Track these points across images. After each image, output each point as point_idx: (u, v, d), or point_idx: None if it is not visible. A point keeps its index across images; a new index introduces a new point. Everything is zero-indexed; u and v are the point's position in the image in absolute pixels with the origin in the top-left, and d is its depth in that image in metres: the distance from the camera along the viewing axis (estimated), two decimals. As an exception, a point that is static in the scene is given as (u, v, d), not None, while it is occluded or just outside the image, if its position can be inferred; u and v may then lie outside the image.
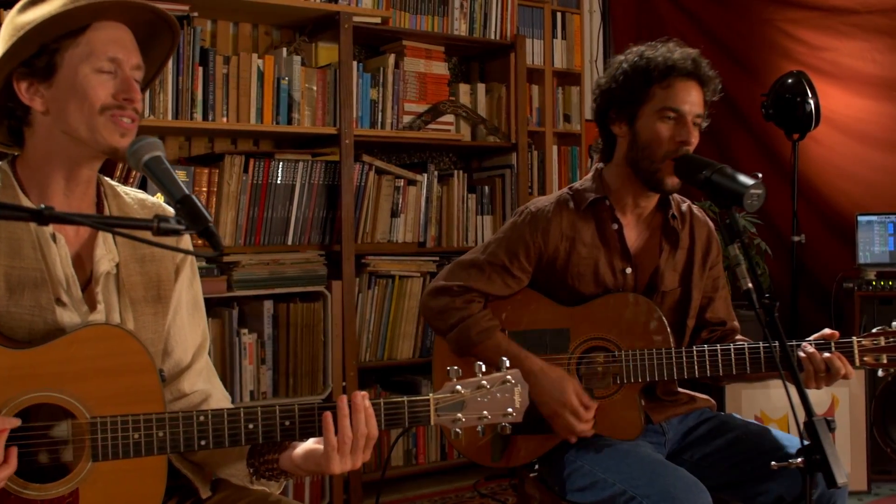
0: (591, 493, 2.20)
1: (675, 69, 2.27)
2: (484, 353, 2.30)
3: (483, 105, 4.55)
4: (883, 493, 4.02)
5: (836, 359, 2.18)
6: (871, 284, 4.31)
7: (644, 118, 2.31)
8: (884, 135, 4.74)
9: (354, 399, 1.66)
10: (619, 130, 2.37)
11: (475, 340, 2.32)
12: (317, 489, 3.88)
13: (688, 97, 2.28)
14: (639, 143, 2.32)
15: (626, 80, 2.32)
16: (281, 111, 3.88)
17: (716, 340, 2.50)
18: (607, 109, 2.39)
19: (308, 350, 3.86)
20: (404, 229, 4.20)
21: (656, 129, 2.28)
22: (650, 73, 2.28)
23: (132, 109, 1.70)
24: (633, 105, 2.32)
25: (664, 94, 2.28)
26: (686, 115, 2.28)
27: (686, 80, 2.29)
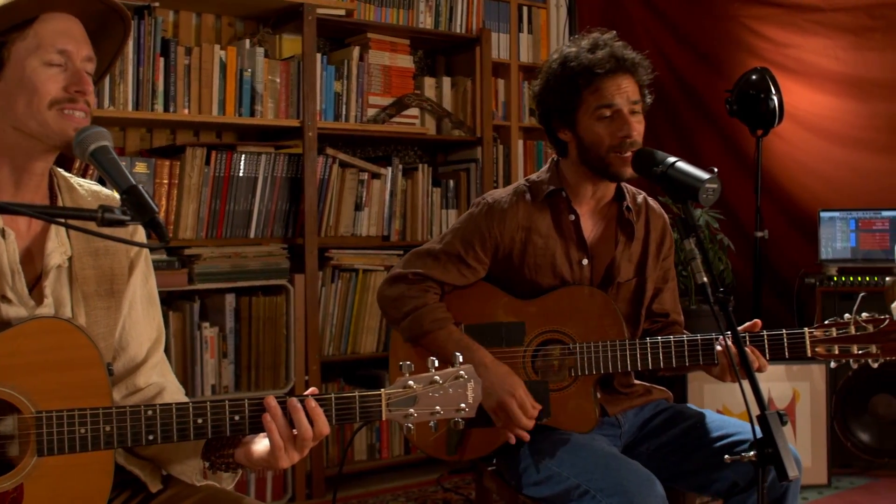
0: (546, 486, 2.20)
1: (596, 72, 2.28)
2: (435, 343, 2.31)
3: (448, 99, 4.54)
4: (843, 487, 4.05)
5: (749, 353, 2.19)
6: (832, 280, 4.34)
7: (583, 122, 2.33)
8: (846, 131, 4.76)
9: (290, 403, 1.64)
10: (565, 136, 2.40)
11: (427, 329, 2.32)
12: (279, 484, 3.86)
13: (617, 91, 2.30)
14: (584, 146, 2.34)
15: (557, 90, 2.35)
16: (244, 103, 3.85)
17: (656, 332, 2.52)
18: (549, 118, 2.42)
19: (270, 344, 3.84)
20: (368, 223, 4.19)
21: (596, 131, 2.31)
22: (576, 81, 2.30)
23: (84, 102, 1.67)
24: (570, 113, 2.34)
25: (594, 97, 2.30)
26: (621, 107, 2.29)
27: (612, 76, 2.29)
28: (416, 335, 2.35)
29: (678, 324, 2.57)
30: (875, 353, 2.24)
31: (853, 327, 2.26)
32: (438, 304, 2.37)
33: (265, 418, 1.63)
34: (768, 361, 2.25)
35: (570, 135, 2.37)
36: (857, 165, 4.73)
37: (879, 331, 2.24)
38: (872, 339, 2.25)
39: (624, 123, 2.28)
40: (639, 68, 2.35)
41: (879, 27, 4.72)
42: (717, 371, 2.28)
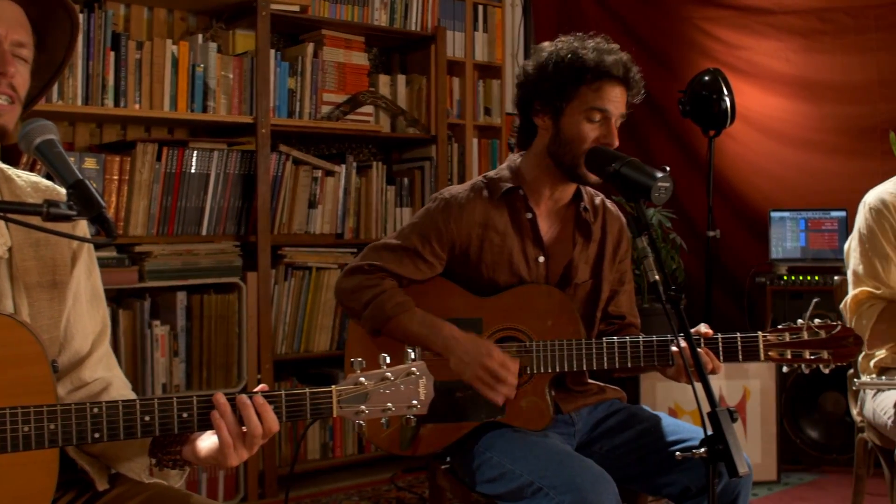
0: (499, 484, 2.19)
1: (608, 74, 2.27)
2: (399, 327, 2.29)
3: (403, 97, 4.53)
4: (792, 483, 4.11)
5: (703, 354, 2.20)
6: (782, 279, 4.40)
7: (570, 115, 2.30)
8: (796, 133, 4.83)
9: (239, 400, 1.62)
10: (541, 123, 2.37)
11: (391, 314, 2.30)
12: (231, 483, 3.82)
13: (615, 99, 2.30)
14: (562, 139, 2.32)
15: (556, 76, 2.30)
16: (196, 99, 3.81)
17: (612, 334, 2.52)
18: (532, 100, 2.37)
19: (222, 342, 3.80)
20: (322, 220, 4.16)
21: (582, 129, 2.29)
22: (582, 74, 2.27)
23: (7, 86, 1.62)
24: (560, 101, 2.31)
25: (593, 96, 2.28)
26: (612, 116, 2.30)
27: (616, 83, 2.29)
28: (380, 322, 2.32)
29: (634, 326, 2.57)
30: (827, 359, 2.26)
31: (806, 332, 2.27)
32: (398, 289, 2.35)
33: (214, 415, 1.60)
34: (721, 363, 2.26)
35: (549, 123, 2.34)
36: (806, 166, 4.80)
37: (831, 336, 2.27)
38: (824, 345, 2.26)
39: (609, 132, 2.29)
40: (637, 87, 2.35)
41: (829, 30, 4.80)
42: (671, 372, 2.29)
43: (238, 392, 1.64)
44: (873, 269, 2.75)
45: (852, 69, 4.76)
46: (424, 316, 2.31)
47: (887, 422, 2.61)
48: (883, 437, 2.73)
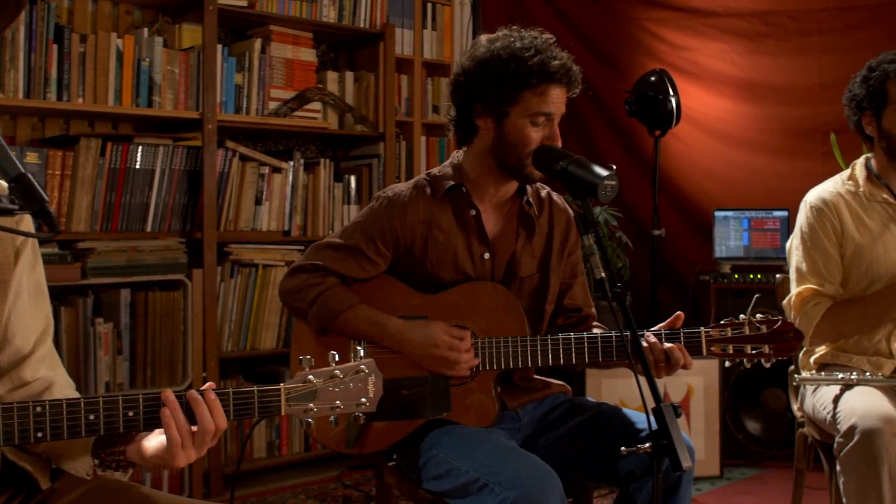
0: (446, 480, 2.20)
1: (552, 80, 2.28)
2: (347, 324, 2.29)
3: (351, 94, 4.51)
4: (734, 478, 4.17)
5: (675, 349, 2.24)
6: (725, 277, 4.46)
7: (514, 119, 2.30)
8: (740, 134, 4.91)
9: (190, 396, 1.60)
10: (483, 124, 2.37)
11: (338, 310, 2.30)
12: (175, 482, 3.78)
13: (558, 101, 2.31)
14: (506, 142, 2.32)
15: (498, 80, 2.28)
16: (141, 93, 3.76)
17: (572, 326, 2.55)
18: (472, 101, 2.36)
19: (167, 340, 3.76)
20: (269, 217, 4.13)
21: (526, 132, 2.29)
22: (526, 79, 2.26)
23: None
24: (503, 105, 2.30)
25: (538, 101, 2.28)
26: (554, 116, 2.32)
27: (558, 86, 2.30)
28: (327, 319, 2.32)
29: (592, 317, 2.60)
30: (768, 354, 2.31)
31: (747, 327, 2.32)
32: (342, 286, 2.36)
33: (163, 412, 1.58)
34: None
35: (492, 125, 2.34)
36: (750, 167, 4.87)
37: (772, 331, 2.31)
38: (765, 340, 2.31)
39: (553, 133, 2.31)
40: (575, 84, 2.36)
41: (773, 33, 4.88)
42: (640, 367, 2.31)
43: (183, 390, 1.62)
44: (816, 267, 2.80)
45: (795, 72, 4.84)
46: (370, 312, 2.32)
47: (826, 417, 2.66)
48: (822, 432, 2.78)
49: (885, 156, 2.82)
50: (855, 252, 2.79)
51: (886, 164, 2.83)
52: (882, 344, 2.81)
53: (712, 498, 3.89)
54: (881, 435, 2.39)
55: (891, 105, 2.77)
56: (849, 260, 2.81)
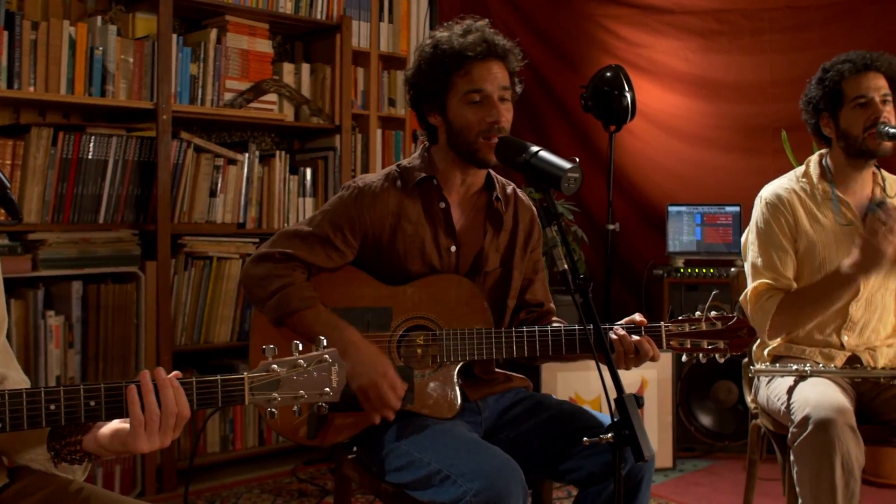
0: (407, 472, 2.20)
1: (468, 55, 2.29)
2: (303, 322, 2.27)
3: (307, 86, 4.48)
4: (687, 470, 4.22)
5: (644, 342, 2.27)
6: (678, 271, 4.51)
7: (453, 107, 2.33)
8: (693, 130, 4.96)
9: (158, 374, 1.58)
10: (435, 121, 2.41)
11: (295, 308, 2.28)
12: (128, 477, 3.73)
13: (488, 76, 2.31)
14: (454, 130, 2.35)
15: (428, 74, 2.34)
16: (94, 83, 3.70)
17: (533, 321, 2.56)
18: (420, 102, 2.41)
19: (120, 333, 3.71)
20: (223, 210, 4.09)
21: (465, 115, 2.31)
22: (446, 64, 2.30)
23: None
24: (440, 96, 2.34)
25: (464, 81, 2.31)
26: (490, 94, 2.31)
27: (483, 61, 2.31)
28: (284, 314, 2.30)
29: (552, 312, 2.62)
30: (723, 349, 2.36)
31: (704, 324, 2.36)
32: (306, 283, 2.33)
33: (131, 390, 1.56)
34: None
35: (441, 119, 2.37)
36: (703, 162, 4.94)
37: (727, 328, 2.36)
38: (721, 336, 2.36)
39: (492, 108, 2.30)
40: (510, 55, 2.37)
41: (726, 31, 4.94)
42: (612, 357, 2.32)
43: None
44: (771, 262, 2.84)
45: (747, 69, 4.91)
46: (329, 316, 2.30)
47: (780, 408, 2.70)
48: (776, 423, 2.82)
49: (844, 155, 2.87)
50: (808, 248, 2.84)
51: (845, 163, 2.88)
52: (833, 337, 2.86)
53: (665, 489, 3.93)
54: (834, 425, 2.44)
55: (847, 104, 2.81)
56: (802, 256, 2.85)
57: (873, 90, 2.78)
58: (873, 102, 2.78)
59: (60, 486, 1.70)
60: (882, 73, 2.80)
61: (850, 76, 2.80)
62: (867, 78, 2.79)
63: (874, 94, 2.78)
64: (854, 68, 2.80)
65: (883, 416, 2.75)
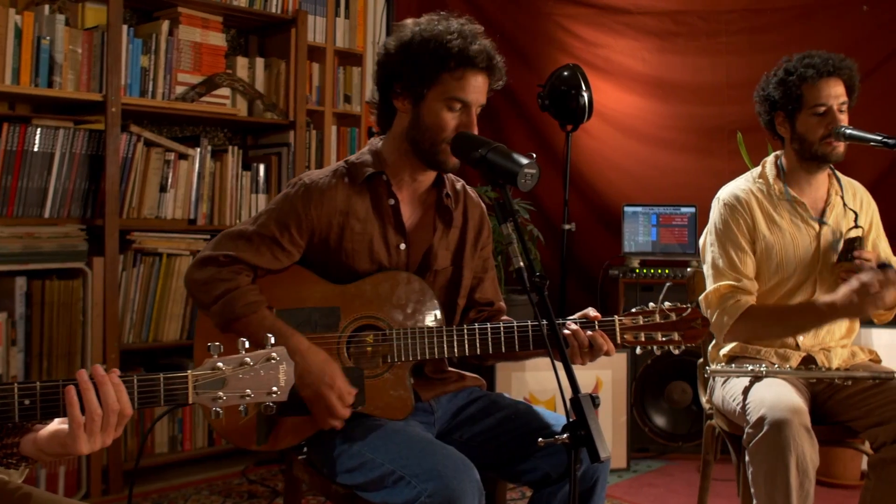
0: (359, 473, 2.14)
1: (471, 63, 2.23)
2: (248, 328, 2.20)
3: (261, 80, 4.41)
4: (641, 470, 4.21)
5: (598, 336, 2.24)
6: (634, 272, 4.50)
7: (430, 102, 2.26)
8: (650, 130, 4.96)
9: (96, 372, 1.52)
10: (401, 105, 2.32)
11: (240, 313, 2.21)
12: (72, 479, 3.64)
13: (476, 88, 2.26)
14: (421, 125, 2.27)
15: (419, 60, 2.24)
16: (41, 73, 3.60)
17: (483, 320, 2.52)
18: (392, 81, 2.31)
19: (65, 331, 3.61)
20: (174, 205, 4.00)
21: (442, 116, 2.24)
22: (445, 61, 2.22)
23: None
24: (421, 86, 2.25)
25: (455, 84, 2.23)
26: (472, 104, 2.26)
27: (476, 72, 2.25)
28: (228, 320, 2.23)
29: (502, 311, 2.58)
30: (677, 341, 2.34)
31: (658, 315, 2.33)
32: (251, 287, 2.26)
33: (69, 391, 1.49)
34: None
35: (409, 107, 2.29)
36: (659, 163, 4.94)
37: (682, 319, 2.34)
38: (675, 327, 2.34)
39: (470, 120, 2.25)
40: (497, 73, 2.31)
41: (682, 32, 4.95)
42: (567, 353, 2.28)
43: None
44: (732, 262, 2.83)
45: (703, 71, 4.93)
46: (275, 322, 2.23)
47: (736, 408, 2.69)
48: (731, 424, 2.81)
49: (796, 156, 2.87)
50: (765, 249, 2.84)
51: (797, 164, 2.88)
52: (789, 338, 2.86)
53: (619, 490, 3.92)
54: (789, 426, 2.43)
55: (806, 109, 2.81)
56: (759, 257, 2.85)
57: (833, 98, 2.78)
58: (831, 111, 2.78)
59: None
60: (842, 80, 2.80)
61: (813, 82, 2.78)
62: (828, 85, 2.78)
63: (833, 102, 2.78)
64: (817, 74, 2.78)
65: (837, 416, 2.75)
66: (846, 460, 3.96)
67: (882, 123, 4.17)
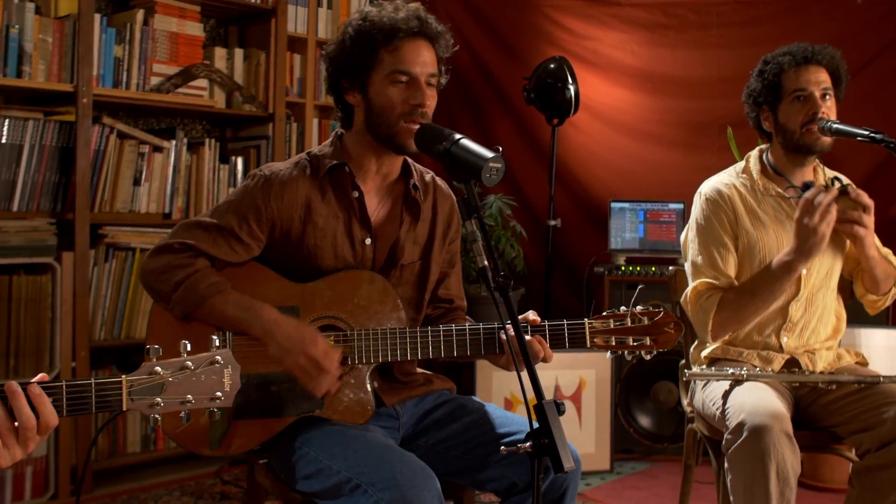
0: (317, 481, 2.06)
1: (399, 30, 2.16)
2: (213, 310, 2.12)
3: (240, 72, 4.31)
4: (625, 472, 4.13)
5: (535, 342, 2.14)
6: (619, 269, 4.41)
7: (375, 85, 2.19)
8: (638, 125, 4.87)
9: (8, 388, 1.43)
10: (353, 100, 2.25)
11: (204, 294, 2.11)
12: (39, 480, 3.55)
13: (417, 58, 2.18)
14: (373, 110, 2.20)
15: (353, 47, 2.19)
16: (9, 63, 3.51)
17: (437, 318, 2.43)
18: (339, 79, 2.25)
19: (33, 328, 3.52)
20: (148, 199, 3.91)
21: (388, 94, 2.17)
22: (375, 38, 2.16)
23: None
24: (363, 72, 2.19)
25: (392, 58, 2.17)
26: (418, 76, 2.17)
27: (413, 39, 2.18)
28: (192, 305, 2.13)
29: (461, 309, 2.48)
30: (649, 346, 2.24)
31: (630, 319, 2.25)
32: (211, 270, 2.17)
33: None
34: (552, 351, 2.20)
35: (360, 98, 2.23)
36: (647, 158, 4.84)
37: (653, 323, 2.25)
38: (647, 332, 2.25)
39: (418, 91, 2.16)
40: (441, 38, 2.24)
41: (673, 25, 4.85)
42: (503, 361, 2.20)
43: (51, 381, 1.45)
44: (712, 259, 2.74)
45: (693, 64, 4.83)
46: (241, 298, 2.14)
47: (716, 413, 2.61)
48: (711, 428, 2.73)
49: (782, 150, 2.79)
50: (748, 246, 2.75)
51: (784, 158, 2.80)
52: (772, 338, 2.77)
53: (601, 493, 3.83)
54: (769, 432, 2.34)
55: (786, 98, 2.73)
56: (742, 253, 2.76)
57: (813, 84, 2.69)
58: (812, 97, 2.69)
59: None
60: (824, 66, 2.72)
61: (790, 69, 2.71)
62: (807, 71, 2.70)
63: (814, 87, 2.69)
64: (794, 61, 2.71)
65: (821, 421, 2.66)
66: (833, 464, 3.87)
67: (878, 116, 4.09)
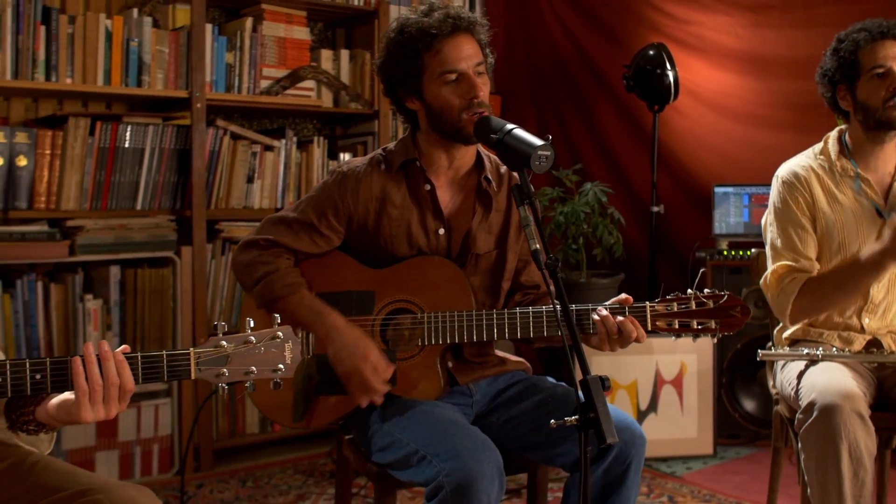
0: (389, 452, 2.21)
1: (435, 33, 2.26)
2: (286, 309, 2.29)
3: (346, 72, 4.51)
4: (728, 457, 4.12)
5: (628, 322, 2.20)
6: (722, 254, 4.40)
7: (429, 89, 2.30)
8: (743, 108, 4.81)
9: (101, 347, 1.63)
10: (413, 105, 2.38)
11: (279, 294, 2.31)
12: (166, 457, 3.84)
13: (460, 53, 2.28)
14: (434, 112, 2.32)
15: (398, 59, 2.32)
16: (130, 73, 3.80)
17: (529, 303, 2.53)
18: (395, 89, 2.39)
19: (157, 316, 3.81)
20: (261, 195, 4.15)
21: (443, 95, 2.28)
22: (415, 47, 2.28)
23: None
24: (414, 80, 2.31)
25: (437, 61, 2.27)
26: (465, 70, 2.27)
27: (451, 37, 2.27)
28: (268, 301, 2.33)
29: (549, 294, 2.58)
30: (713, 329, 2.25)
31: (693, 302, 2.27)
32: (291, 270, 2.36)
33: (75, 361, 1.61)
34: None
35: (418, 103, 2.35)
36: (752, 141, 4.78)
37: (719, 306, 2.25)
38: (711, 315, 2.25)
39: (470, 84, 2.27)
40: (476, 27, 2.33)
41: (778, 5, 4.77)
42: (595, 341, 2.27)
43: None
44: (791, 242, 2.75)
45: (800, 44, 4.73)
46: (312, 301, 2.32)
47: (791, 393, 2.62)
48: (790, 409, 2.74)
49: (862, 128, 2.76)
50: (826, 228, 2.73)
51: (863, 137, 2.77)
52: (853, 319, 2.75)
53: (700, 477, 3.85)
54: (840, 411, 2.34)
55: (864, 75, 2.71)
56: (820, 236, 2.75)
57: (891, 59, 2.67)
58: (892, 72, 2.66)
59: (19, 459, 1.77)
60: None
61: (866, 45, 2.69)
62: (884, 47, 2.68)
63: (892, 62, 2.66)
64: (870, 37, 2.69)
65: (904, 402, 2.64)
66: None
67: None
